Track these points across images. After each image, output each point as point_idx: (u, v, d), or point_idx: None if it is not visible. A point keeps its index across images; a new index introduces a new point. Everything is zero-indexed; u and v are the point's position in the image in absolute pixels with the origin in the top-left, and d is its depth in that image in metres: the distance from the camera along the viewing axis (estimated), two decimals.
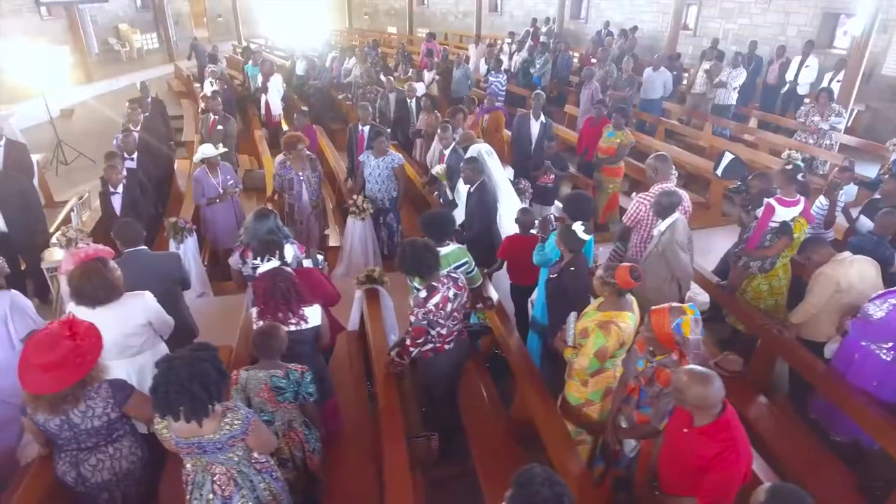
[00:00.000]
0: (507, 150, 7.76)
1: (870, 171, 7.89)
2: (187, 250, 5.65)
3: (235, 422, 2.32)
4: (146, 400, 2.81)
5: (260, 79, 9.99)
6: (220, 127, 7.20)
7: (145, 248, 3.86)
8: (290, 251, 3.54)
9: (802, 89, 10.40)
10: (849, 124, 9.52)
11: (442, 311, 3.28)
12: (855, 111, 9.92)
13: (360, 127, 6.64)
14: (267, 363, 2.80)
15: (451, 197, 5.80)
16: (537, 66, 11.66)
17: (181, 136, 10.32)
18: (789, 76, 10.51)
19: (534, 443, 3.72)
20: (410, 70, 11.06)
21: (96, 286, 3.04)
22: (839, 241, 5.13)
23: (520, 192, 6.33)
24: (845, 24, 11.04)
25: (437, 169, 5.86)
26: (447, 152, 6.03)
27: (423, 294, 3.24)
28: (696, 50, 13.65)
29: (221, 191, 5.90)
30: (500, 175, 5.36)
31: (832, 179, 5.74)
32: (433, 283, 3.25)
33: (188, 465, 2.47)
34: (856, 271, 3.74)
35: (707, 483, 2.25)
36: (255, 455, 2.49)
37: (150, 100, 8.32)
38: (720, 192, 7.28)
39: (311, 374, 2.81)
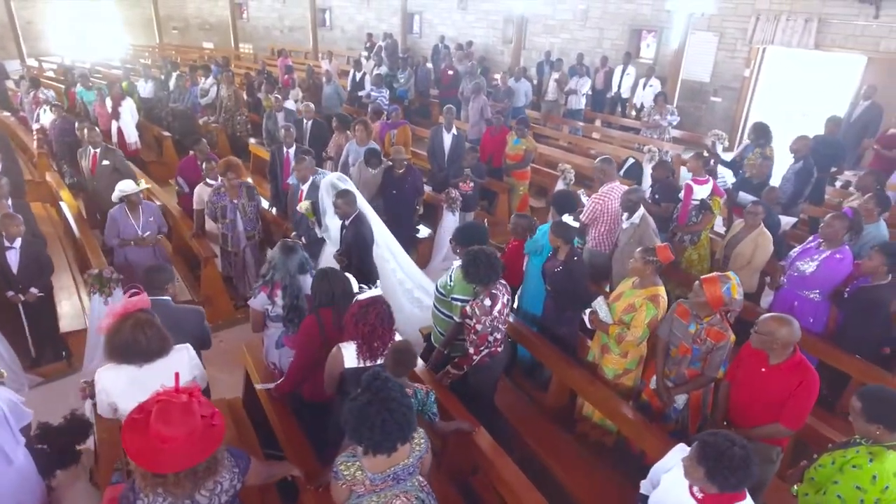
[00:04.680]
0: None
1: None
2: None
3: (421, 441, 2.33)
4: (261, 465, 2.59)
5: (109, 103, 8.79)
6: (105, 162, 6.26)
7: (170, 298, 3.47)
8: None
9: (625, 93, 12.33)
10: None
11: (501, 317, 3.49)
12: None
13: (285, 150, 6.35)
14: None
15: (318, 234, 5.32)
16: (401, 80, 12.05)
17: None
18: (613, 82, 12.40)
19: (569, 422, 4.14)
20: (275, 88, 10.61)
21: (151, 338, 2.71)
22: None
23: (451, 201, 6.67)
24: (647, 38, 13.35)
25: (304, 205, 5.29)
26: (305, 188, 5.54)
27: (487, 302, 3.41)
28: (526, 62, 15.24)
29: (141, 233, 5.22)
30: (362, 200, 5.14)
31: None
32: (493, 291, 3.44)
33: None
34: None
35: (790, 408, 2.84)
36: (421, 477, 2.48)
37: None
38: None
39: (434, 393, 2.82)
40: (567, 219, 4.26)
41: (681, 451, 2.41)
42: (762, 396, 2.94)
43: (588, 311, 3.92)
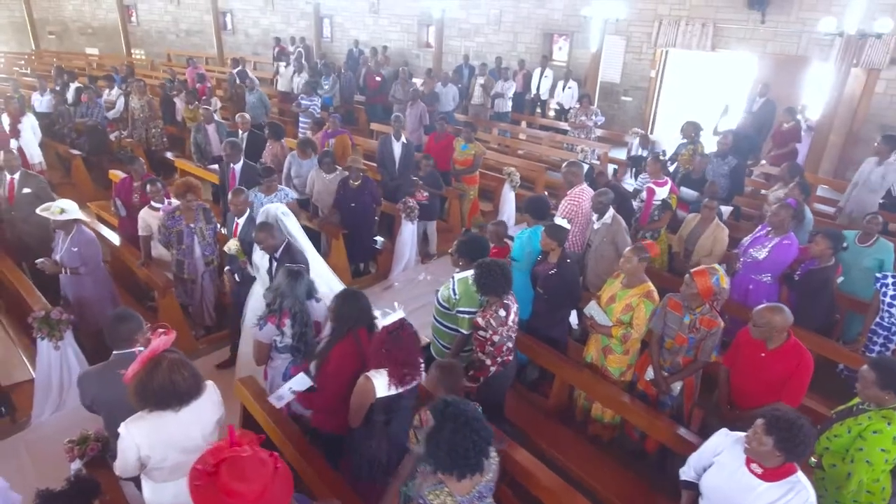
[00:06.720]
0: None
1: (618, 153, 10.44)
2: (67, 350, 4.42)
3: (494, 454, 2.34)
4: None
5: (6, 120, 7.84)
6: (26, 190, 5.56)
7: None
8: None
9: (544, 95, 12.86)
10: None
11: (514, 326, 3.56)
12: None
13: (231, 165, 6.00)
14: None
15: (251, 273, 4.74)
16: (325, 87, 11.75)
17: None
18: (532, 84, 12.88)
19: (571, 420, 4.30)
20: (196, 99, 9.96)
21: (188, 378, 2.48)
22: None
23: (409, 211, 6.64)
24: (558, 42, 13.99)
25: (231, 245, 4.83)
26: (241, 221, 4.95)
27: (502, 313, 3.45)
28: (444, 66, 15.42)
29: (56, 259, 4.66)
30: (299, 231, 4.76)
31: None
32: (506, 302, 3.49)
33: None
34: None
35: (791, 387, 3.15)
36: None
37: None
38: None
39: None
40: (562, 221, 4.39)
41: (724, 435, 2.60)
42: (763, 379, 3.23)
43: (585, 316, 4.08)
